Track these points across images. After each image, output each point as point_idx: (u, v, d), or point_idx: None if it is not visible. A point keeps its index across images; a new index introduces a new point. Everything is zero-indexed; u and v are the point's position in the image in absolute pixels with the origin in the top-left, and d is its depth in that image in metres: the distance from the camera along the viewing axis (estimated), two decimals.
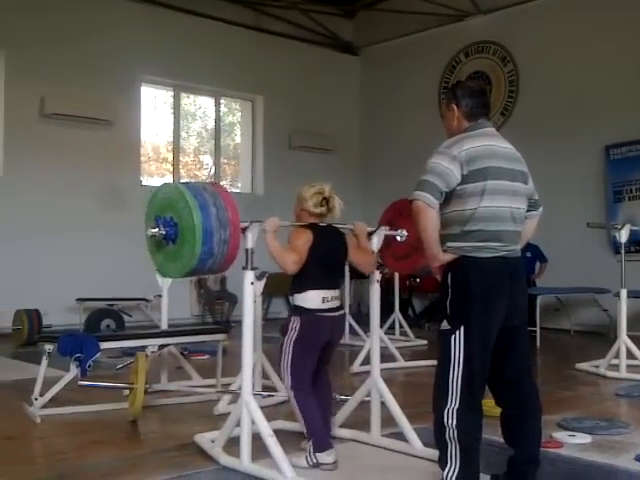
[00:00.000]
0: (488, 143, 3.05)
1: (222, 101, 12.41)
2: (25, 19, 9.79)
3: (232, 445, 3.65)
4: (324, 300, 3.67)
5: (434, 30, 12.11)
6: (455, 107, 3.20)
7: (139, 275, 9.04)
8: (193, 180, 12.55)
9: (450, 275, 3.00)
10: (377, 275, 4.01)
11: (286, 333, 3.69)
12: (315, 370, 3.79)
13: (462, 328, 2.92)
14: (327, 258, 3.69)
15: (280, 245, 3.61)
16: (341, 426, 4.15)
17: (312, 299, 3.65)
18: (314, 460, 3.59)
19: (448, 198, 3.02)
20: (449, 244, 3.01)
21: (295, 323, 3.67)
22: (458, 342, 2.92)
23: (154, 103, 11.87)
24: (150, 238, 3.55)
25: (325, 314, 3.68)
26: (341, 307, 3.83)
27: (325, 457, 3.58)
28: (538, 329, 8.50)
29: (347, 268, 8.81)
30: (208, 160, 12.67)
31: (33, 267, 9.58)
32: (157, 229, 3.50)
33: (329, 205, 3.72)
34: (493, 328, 2.96)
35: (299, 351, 3.65)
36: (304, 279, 3.66)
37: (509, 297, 2.99)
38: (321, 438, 3.63)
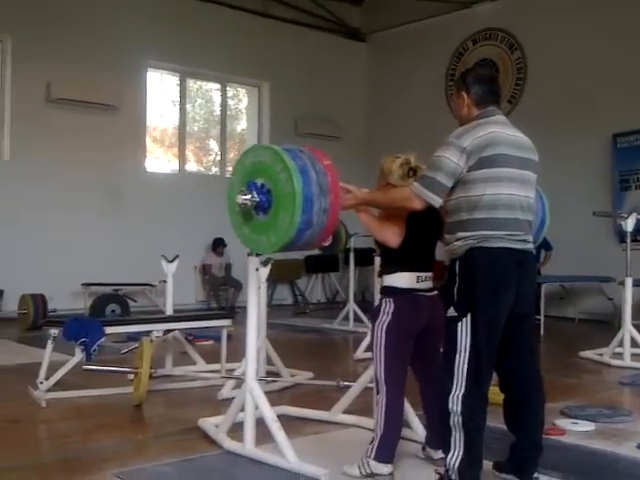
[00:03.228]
0: (498, 130, 3.02)
1: (228, 87, 12.39)
2: (31, 5, 9.76)
3: (236, 430, 3.67)
4: (418, 279, 3.28)
5: (442, 17, 12.05)
6: (465, 94, 3.16)
7: (144, 260, 9.12)
8: (201, 168, 12.57)
9: (458, 263, 2.99)
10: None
11: (377, 318, 3.28)
12: (426, 364, 3.40)
13: (469, 315, 2.91)
14: (422, 235, 3.31)
15: (375, 218, 3.32)
16: (344, 412, 4.18)
17: (405, 278, 3.27)
18: (368, 469, 3.23)
19: (454, 185, 3.00)
20: (459, 234, 2.99)
21: (388, 306, 3.25)
22: (465, 329, 2.91)
23: (160, 88, 11.85)
24: (239, 207, 3.14)
25: (421, 294, 3.29)
26: (435, 288, 3.37)
27: (381, 467, 3.23)
28: (542, 317, 8.50)
29: (352, 255, 8.89)
30: (214, 146, 12.66)
31: (39, 252, 9.60)
32: (249, 196, 3.09)
33: (417, 176, 3.24)
34: (500, 316, 2.95)
35: (394, 338, 3.23)
36: (396, 258, 3.28)
37: (517, 286, 2.98)
38: (389, 448, 3.25)
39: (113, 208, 10.26)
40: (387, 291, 3.31)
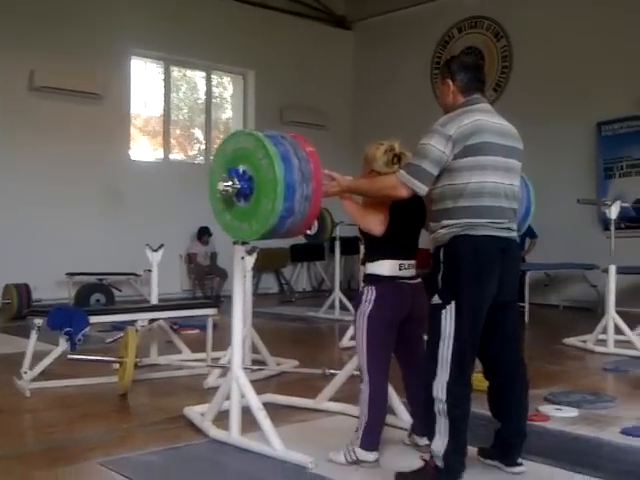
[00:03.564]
0: (483, 118, 3.02)
1: (213, 75, 12.32)
2: None
3: (221, 418, 3.67)
4: (401, 267, 3.27)
5: (427, 5, 12.02)
6: (450, 82, 3.16)
7: (129, 250, 9.08)
8: (186, 156, 12.51)
9: (443, 250, 3.00)
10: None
11: (359, 306, 3.28)
12: (409, 353, 3.40)
13: (453, 303, 2.92)
14: (406, 223, 3.30)
15: (359, 206, 3.32)
16: (330, 400, 4.18)
17: (387, 266, 3.26)
18: (353, 456, 3.24)
19: (439, 173, 3.00)
20: (444, 222, 3.00)
21: (370, 294, 3.24)
22: (449, 316, 2.92)
23: (144, 76, 11.76)
24: (220, 193, 3.12)
25: (404, 281, 3.29)
26: (418, 276, 3.35)
27: (367, 455, 3.24)
28: (527, 304, 8.55)
29: (337, 244, 8.89)
30: (199, 134, 12.59)
31: (22, 241, 9.54)
32: (231, 182, 3.07)
33: (401, 163, 3.22)
34: (484, 303, 2.97)
35: (376, 326, 3.22)
36: (379, 246, 3.28)
37: (501, 274, 2.99)
38: (374, 436, 3.27)
39: (97, 197, 10.19)
40: (370, 279, 3.31)
